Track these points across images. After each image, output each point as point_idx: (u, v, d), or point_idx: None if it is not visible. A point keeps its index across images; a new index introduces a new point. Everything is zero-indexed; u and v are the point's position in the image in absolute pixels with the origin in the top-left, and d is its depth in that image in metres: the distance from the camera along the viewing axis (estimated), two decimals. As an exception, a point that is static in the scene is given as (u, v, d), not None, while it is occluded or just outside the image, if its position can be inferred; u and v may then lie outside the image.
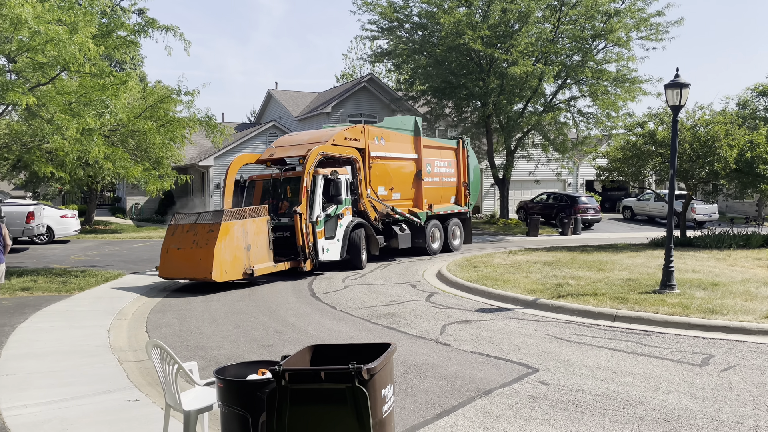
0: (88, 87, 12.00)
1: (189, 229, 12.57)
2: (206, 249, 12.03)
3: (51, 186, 30.79)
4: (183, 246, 12.40)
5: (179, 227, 12.81)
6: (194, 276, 12.25)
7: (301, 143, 15.35)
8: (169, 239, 12.76)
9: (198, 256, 12.12)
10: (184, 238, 12.48)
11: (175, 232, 12.78)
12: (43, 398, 6.11)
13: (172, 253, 12.57)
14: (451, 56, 25.47)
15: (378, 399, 3.60)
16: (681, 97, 11.05)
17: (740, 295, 10.60)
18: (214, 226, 12.15)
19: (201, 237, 12.20)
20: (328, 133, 15.21)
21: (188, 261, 12.23)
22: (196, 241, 12.22)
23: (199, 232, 12.34)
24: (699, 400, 6.06)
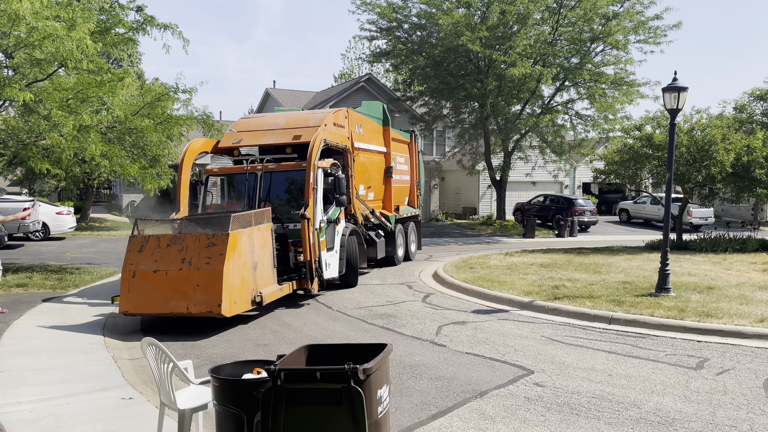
0: (85, 84, 11.96)
1: (172, 242, 8.90)
2: (208, 271, 8.51)
3: (47, 183, 30.67)
4: (164, 267, 8.71)
5: (152, 240, 8.99)
6: (187, 310, 8.53)
7: (278, 128, 12.03)
8: (137, 257, 8.88)
9: (193, 282, 8.53)
10: (164, 256, 8.81)
11: (146, 247, 8.93)
12: (38, 395, 6.08)
13: (145, 279, 8.70)
14: (450, 57, 25.48)
15: (374, 399, 3.60)
16: (679, 100, 11.07)
17: (736, 298, 10.63)
18: (218, 237, 8.68)
19: (196, 253, 8.67)
20: (316, 117, 12.24)
21: (175, 289, 8.59)
22: (189, 260, 8.65)
23: (190, 245, 8.74)
24: (694, 404, 6.07)
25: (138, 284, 8.73)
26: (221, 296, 8.37)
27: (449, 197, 35.71)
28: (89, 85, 11.88)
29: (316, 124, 11.81)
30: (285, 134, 11.92)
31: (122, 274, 8.88)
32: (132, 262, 8.88)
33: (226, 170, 12.00)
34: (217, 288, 8.39)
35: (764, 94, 26.85)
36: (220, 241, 8.67)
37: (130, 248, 9.03)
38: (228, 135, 12.37)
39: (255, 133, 12.28)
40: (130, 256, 8.96)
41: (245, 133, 12.34)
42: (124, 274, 8.86)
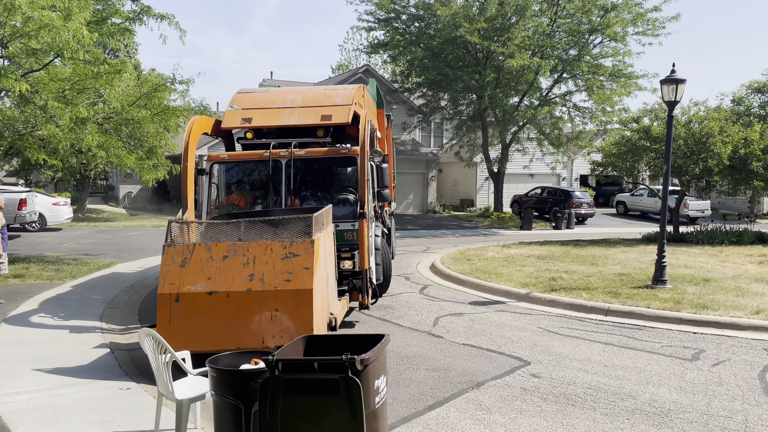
0: (81, 74, 11.90)
1: (231, 252, 6.59)
2: (290, 291, 6.32)
3: (43, 173, 30.59)
4: (223, 286, 6.36)
5: (199, 250, 6.59)
6: (263, 344, 6.25)
7: (297, 105, 9.82)
8: (179, 274, 6.47)
9: (269, 306, 6.30)
10: (221, 271, 6.47)
11: (192, 259, 6.55)
12: (35, 386, 6.09)
13: (195, 304, 6.34)
14: (448, 48, 25.41)
15: (371, 390, 3.61)
16: (677, 92, 11.07)
17: (731, 290, 10.68)
18: (300, 246, 6.50)
19: (270, 267, 6.46)
20: (342, 93, 10.00)
21: (242, 317, 6.31)
22: (260, 276, 6.40)
23: (259, 257, 6.52)
24: (689, 394, 6.11)
25: (184, 311, 6.26)
26: (312, 324, 6.16)
27: (447, 189, 35.71)
28: (86, 75, 11.81)
29: (345, 102, 9.75)
30: (309, 113, 9.58)
31: (159, 299, 6.26)
32: (173, 281, 6.33)
33: (240, 157, 9.22)
34: (306, 313, 6.21)
35: (762, 87, 26.86)
36: (303, 250, 6.46)
37: (166, 261, 6.46)
38: (231, 113, 9.60)
39: (268, 111, 9.73)
40: (168, 273, 6.40)
41: (254, 111, 9.74)
42: (161, 298, 6.26)
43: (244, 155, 9.26)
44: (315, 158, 9.07)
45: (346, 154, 8.95)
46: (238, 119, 9.56)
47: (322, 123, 9.39)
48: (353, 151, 8.86)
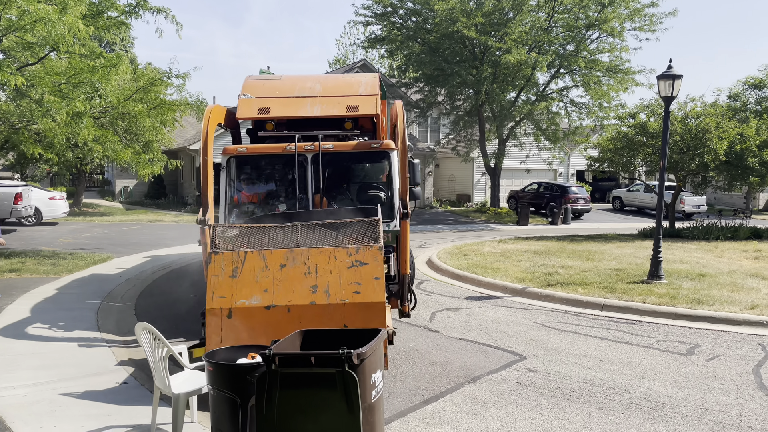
0: (77, 68, 11.85)
1: (289, 260, 5.90)
2: (360, 303, 5.66)
3: (39, 167, 30.49)
4: (283, 299, 5.65)
5: (252, 257, 5.85)
6: None
7: (317, 94, 8.96)
8: (231, 285, 5.70)
9: (336, 321, 5.65)
10: (279, 282, 5.76)
11: (244, 268, 5.81)
12: (32, 380, 6.10)
13: (250, 319, 5.61)
14: (445, 43, 25.37)
15: (367, 384, 3.63)
16: (673, 88, 11.09)
17: (727, 286, 10.72)
18: (367, 253, 5.89)
19: (335, 277, 5.80)
20: (364, 82, 9.28)
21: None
22: (324, 288, 5.75)
23: (321, 265, 5.87)
24: (684, 389, 6.15)
25: (238, 328, 5.53)
26: (386, 341, 5.38)
27: (443, 184, 35.72)
28: (82, 69, 11.77)
29: (370, 91, 8.99)
30: (333, 103, 8.77)
31: (207, 315, 5.48)
32: (223, 294, 5.58)
33: (261, 150, 8.28)
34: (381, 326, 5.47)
35: (758, 83, 26.87)
36: (371, 257, 5.81)
37: (214, 271, 5.70)
38: (246, 102, 8.73)
39: (287, 100, 8.88)
40: (217, 285, 5.64)
41: (271, 100, 8.86)
42: (211, 314, 5.47)
43: (265, 148, 8.23)
44: (344, 152, 8.20)
45: (378, 148, 8.14)
46: (255, 109, 8.62)
47: (349, 114, 8.60)
48: (386, 145, 8.12)
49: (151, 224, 22.78)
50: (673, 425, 5.28)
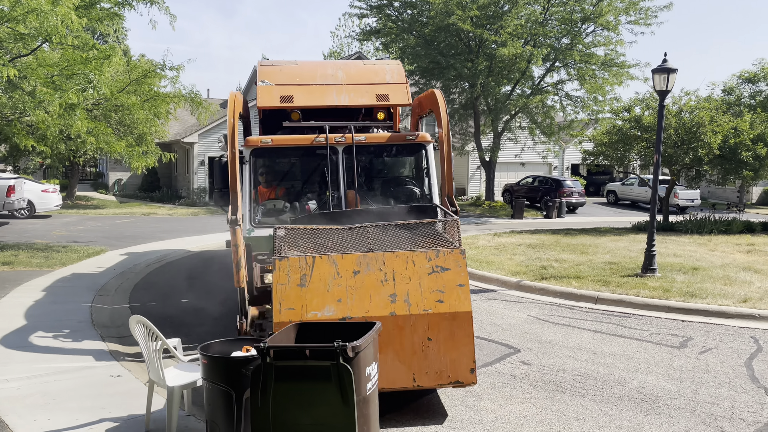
0: (70, 60, 11.76)
1: (362, 266, 5.27)
2: (444, 314, 5.17)
3: (32, 160, 30.33)
4: (359, 311, 5.15)
5: (321, 264, 5.24)
6: (413, 383, 5.09)
7: (342, 82, 8.26)
8: (300, 295, 5.14)
9: (420, 334, 5.13)
10: (354, 291, 5.20)
11: (313, 276, 5.19)
12: (25, 373, 6.08)
13: None
14: (440, 36, 25.30)
15: (362, 376, 3.63)
16: (668, 82, 11.10)
17: (719, 279, 10.78)
18: (449, 257, 5.35)
19: (415, 285, 5.24)
20: (389, 69, 8.63)
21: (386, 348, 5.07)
22: (404, 297, 5.19)
23: (399, 271, 5.29)
24: (677, 381, 6.18)
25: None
26: (473, 354, 5.14)
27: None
28: (75, 61, 11.68)
29: (398, 79, 8.39)
30: (360, 92, 8.14)
31: (275, 329, 4.88)
32: (292, 305, 5.04)
33: (288, 142, 7.55)
34: (466, 342, 5.13)
35: (753, 77, 26.97)
36: (453, 262, 5.31)
37: (280, 279, 5.12)
38: (266, 89, 7.97)
39: (311, 88, 8.14)
40: (285, 294, 5.08)
41: (293, 87, 8.10)
42: (279, 327, 4.86)
43: (292, 140, 7.57)
44: (377, 145, 7.67)
45: (414, 140, 7.64)
46: (276, 97, 7.86)
47: (379, 104, 8.00)
48: (422, 138, 7.62)
49: (145, 217, 22.71)
50: (665, 417, 5.32)
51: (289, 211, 7.43)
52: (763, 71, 26.64)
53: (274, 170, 8.12)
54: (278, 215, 7.40)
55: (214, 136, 29.52)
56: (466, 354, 5.07)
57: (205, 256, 13.97)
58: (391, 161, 8.43)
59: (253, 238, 6.74)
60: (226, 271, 12.12)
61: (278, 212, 7.47)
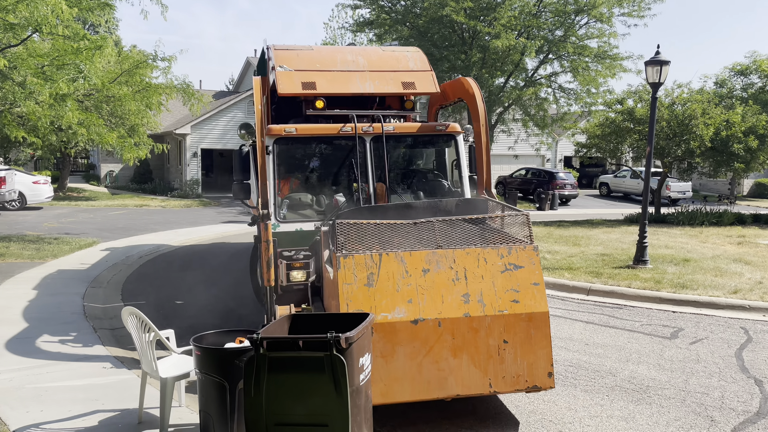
0: (61, 50, 11.66)
1: (432, 264, 4.95)
2: (520, 315, 4.91)
3: (23, 151, 30.10)
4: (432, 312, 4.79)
5: (388, 261, 4.91)
6: (490, 389, 4.81)
7: (364, 68, 7.80)
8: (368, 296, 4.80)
9: (495, 337, 4.86)
10: (425, 290, 4.87)
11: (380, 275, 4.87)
12: (17, 365, 6.06)
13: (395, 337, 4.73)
14: (434, 28, 25.23)
15: (356, 367, 3.64)
16: (661, 74, 11.12)
17: (710, 270, 10.85)
18: (521, 254, 5.09)
19: (488, 283, 4.95)
20: (413, 57, 8.18)
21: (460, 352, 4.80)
22: (477, 297, 4.90)
23: (470, 269, 5.00)
24: (667, 372, 6.23)
25: (382, 348, 4.67)
26: (551, 357, 4.91)
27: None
28: (65, 51, 11.58)
29: (423, 67, 7.98)
30: (385, 79, 7.70)
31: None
32: (360, 306, 4.72)
33: (313, 131, 7.16)
34: (543, 344, 4.90)
35: (745, 69, 27.04)
36: (526, 259, 5.06)
37: (345, 278, 4.77)
38: (286, 75, 7.42)
39: (332, 74, 7.67)
40: (352, 295, 4.75)
41: (314, 74, 7.57)
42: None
43: (318, 129, 7.18)
44: (406, 135, 7.41)
45: (444, 131, 7.38)
46: (298, 83, 7.32)
47: (406, 91, 7.58)
48: (452, 128, 7.36)
49: (137, 209, 22.61)
50: (656, 407, 5.36)
51: (315, 204, 7.13)
52: (755, 64, 26.73)
53: (298, 160, 7.68)
54: (304, 209, 7.07)
55: (206, 128, 29.38)
56: (543, 357, 4.85)
57: (198, 249, 13.94)
58: (419, 153, 8.14)
59: (278, 234, 6.40)
60: (220, 263, 12.10)
61: (304, 206, 7.11)
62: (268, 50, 8.22)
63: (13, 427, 4.71)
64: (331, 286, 4.98)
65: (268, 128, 6.83)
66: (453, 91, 7.94)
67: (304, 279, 5.98)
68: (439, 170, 7.91)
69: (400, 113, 7.96)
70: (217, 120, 29.70)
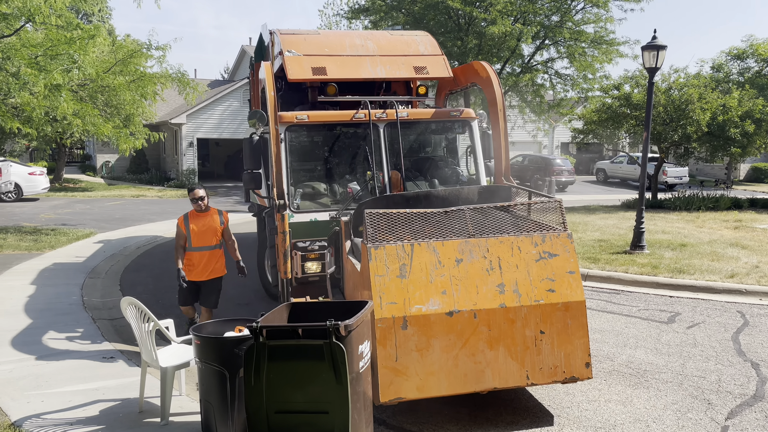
0: (54, 40, 11.57)
1: (465, 253, 4.79)
2: (557, 305, 4.79)
3: (18, 142, 29.96)
4: (467, 303, 4.66)
5: (421, 251, 4.72)
6: (527, 381, 4.73)
7: (374, 53, 7.56)
8: (401, 288, 4.60)
9: (532, 327, 4.74)
10: (459, 280, 4.71)
11: (413, 265, 4.67)
12: (17, 356, 6.07)
13: (430, 330, 4.57)
14: (430, 14, 25.10)
15: (355, 354, 3.66)
16: (657, 59, 11.09)
17: (707, 255, 10.89)
18: (554, 241, 4.97)
19: (523, 272, 4.83)
20: (423, 40, 8.03)
21: (496, 344, 4.67)
22: (512, 287, 4.77)
23: (505, 258, 4.85)
24: (665, 356, 6.28)
25: (417, 341, 4.53)
26: (588, 348, 4.81)
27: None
28: (59, 41, 11.49)
29: (433, 51, 7.82)
30: (396, 63, 7.48)
31: (378, 326, 4.44)
32: (394, 299, 4.55)
33: (325, 118, 6.96)
34: (580, 334, 4.79)
35: (741, 54, 26.98)
36: (561, 247, 4.94)
37: (377, 270, 4.59)
38: (295, 60, 7.13)
39: (341, 59, 7.39)
40: (385, 287, 4.57)
41: (323, 58, 7.32)
42: (382, 324, 4.47)
43: (330, 116, 6.99)
44: (420, 122, 7.28)
45: (458, 117, 7.27)
46: (307, 69, 7.08)
47: (419, 76, 7.42)
48: (467, 114, 7.28)
49: (134, 199, 22.56)
50: (654, 391, 5.40)
51: (329, 194, 6.98)
52: (752, 48, 26.66)
53: (309, 148, 7.46)
54: (318, 199, 6.91)
55: (202, 117, 29.25)
56: (580, 347, 4.75)
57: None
58: (432, 139, 7.95)
59: (292, 224, 6.16)
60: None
61: (318, 195, 6.94)
62: (272, 35, 8.06)
63: (14, 417, 4.73)
64: (359, 277, 4.89)
65: (279, 116, 6.58)
66: (465, 75, 7.81)
67: (319, 270, 5.86)
68: (452, 157, 7.74)
69: (413, 99, 7.82)
70: (213, 109, 29.56)
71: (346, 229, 5.61)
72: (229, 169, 31.84)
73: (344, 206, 6.52)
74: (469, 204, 5.41)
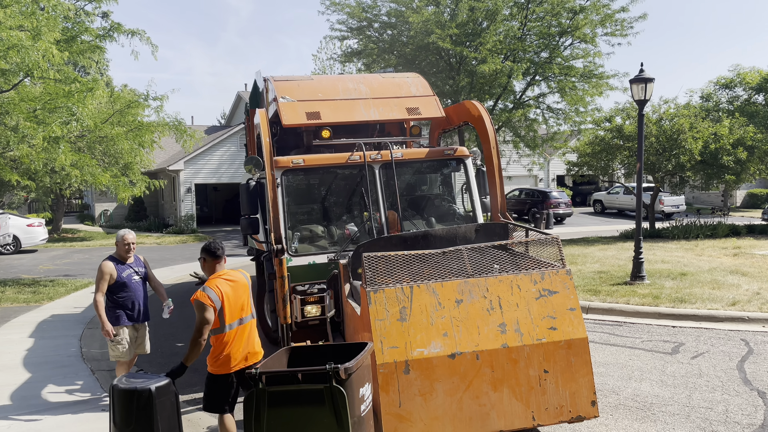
0: (53, 93, 11.76)
1: (464, 293, 4.79)
2: (559, 343, 4.78)
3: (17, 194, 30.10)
4: (469, 345, 4.64)
5: (420, 293, 4.72)
6: (533, 423, 4.70)
7: (367, 96, 7.72)
8: (401, 331, 4.59)
9: (535, 366, 4.72)
10: (460, 321, 4.71)
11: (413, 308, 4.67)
12: (15, 411, 5.99)
13: (433, 374, 4.55)
14: (421, 55, 25.59)
15: (356, 398, 3.63)
16: (646, 91, 11.28)
17: (708, 283, 10.86)
18: (554, 278, 5.01)
19: (523, 311, 4.82)
20: (414, 82, 8.18)
21: (500, 385, 4.64)
22: (514, 326, 4.77)
23: (504, 297, 4.85)
24: (670, 388, 6.21)
25: (420, 386, 4.46)
26: (593, 386, 4.78)
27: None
28: (57, 94, 11.68)
29: (425, 92, 7.97)
30: (389, 105, 7.62)
31: (380, 371, 4.38)
32: (395, 343, 4.51)
33: (322, 161, 7.00)
34: (584, 372, 4.75)
35: (729, 83, 27.39)
36: (560, 284, 4.95)
37: (377, 314, 4.56)
38: (289, 106, 7.28)
39: (335, 103, 7.53)
40: (386, 331, 4.53)
41: (317, 103, 7.43)
42: (384, 369, 4.40)
43: (326, 159, 7.01)
44: (415, 161, 7.31)
45: (452, 155, 7.35)
46: (302, 114, 7.19)
47: (412, 117, 7.56)
48: (460, 152, 7.39)
49: (133, 247, 22.52)
50: (661, 424, 5.33)
51: (327, 236, 6.97)
52: (739, 77, 27.09)
53: (307, 191, 7.52)
54: (316, 241, 6.91)
55: (200, 163, 29.48)
56: (585, 385, 4.71)
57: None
58: (428, 178, 8.00)
59: (291, 268, 6.13)
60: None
61: (316, 238, 6.94)
62: (266, 81, 8.19)
63: (12, 475, 4.64)
64: (359, 321, 4.87)
65: (276, 161, 6.61)
66: (457, 114, 7.94)
67: (319, 314, 5.85)
68: (448, 194, 7.82)
69: (406, 139, 7.93)
70: (211, 154, 29.83)
71: (344, 272, 5.59)
72: (228, 213, 31.95)
73: (342, 248, 6.53)
74: (467, 242, 5.42)
